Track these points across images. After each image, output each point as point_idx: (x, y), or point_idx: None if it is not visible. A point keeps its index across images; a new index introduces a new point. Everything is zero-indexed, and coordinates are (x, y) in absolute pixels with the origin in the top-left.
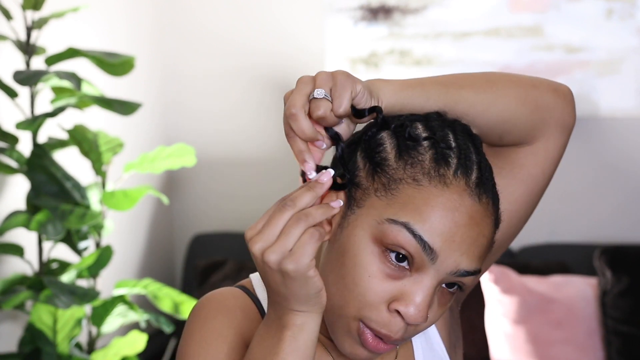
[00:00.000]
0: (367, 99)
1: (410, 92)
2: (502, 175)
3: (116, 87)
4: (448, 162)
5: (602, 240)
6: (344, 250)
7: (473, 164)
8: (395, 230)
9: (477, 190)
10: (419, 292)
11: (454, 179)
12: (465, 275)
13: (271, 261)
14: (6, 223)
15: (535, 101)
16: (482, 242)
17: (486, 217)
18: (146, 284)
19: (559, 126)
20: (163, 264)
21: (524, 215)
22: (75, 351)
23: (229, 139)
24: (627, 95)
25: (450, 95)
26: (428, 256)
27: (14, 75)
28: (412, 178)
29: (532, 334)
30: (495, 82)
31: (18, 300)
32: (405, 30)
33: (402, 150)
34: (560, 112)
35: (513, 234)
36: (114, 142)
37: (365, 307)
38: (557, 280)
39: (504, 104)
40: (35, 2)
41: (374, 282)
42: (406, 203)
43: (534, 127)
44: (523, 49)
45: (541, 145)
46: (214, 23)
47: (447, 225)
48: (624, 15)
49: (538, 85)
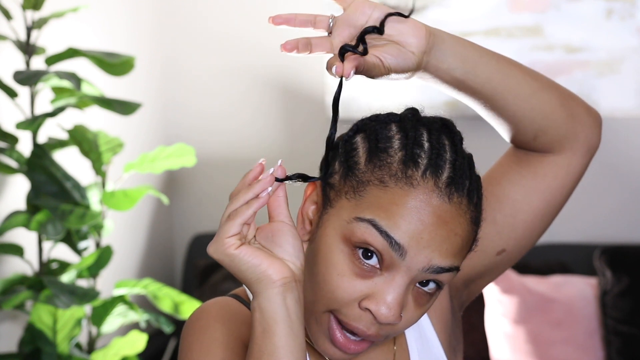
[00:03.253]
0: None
1: (464, 42)
2: (522, 185)
3: (116, 87)
4: (417, 163)
5: (602, 240)
6: (317, 249)
7: (445, 163)
8: (362, 227)
9: (447, 190)
10: (389, 291)
11: (421, 180)
12: (440, 271)
13: (211, 253)
14: (6, 223)
15: (571, 109)
16: (455, 240)
17: (458, 216)
18: (146, 284)
19: (586, 144)
20: (163, 264)
21: (538, 228)
22: (75, 351)
23: (229, 138)
24: (627, 95)
25: (502, 64)
26: (396, 252)
27: (14, 75)
28: (379, 180)
29: (532, 334)
30: (540, 76)
31: (18, 300)
32: None
33: (373, 154)
34: (590, 130)
35: (526, 246)
36: (114, 142)
37: (335, 303)
38: (557, 280)
39: (547, 98)
40: (35, 2)
41: (344, 280)
42: (372, 203)
43: (566, 135)
44: (523, 49)
45: (566, 159)
46: (214, 23)
47: (414, 223)
48: (624, 15)
49: (575, 98)
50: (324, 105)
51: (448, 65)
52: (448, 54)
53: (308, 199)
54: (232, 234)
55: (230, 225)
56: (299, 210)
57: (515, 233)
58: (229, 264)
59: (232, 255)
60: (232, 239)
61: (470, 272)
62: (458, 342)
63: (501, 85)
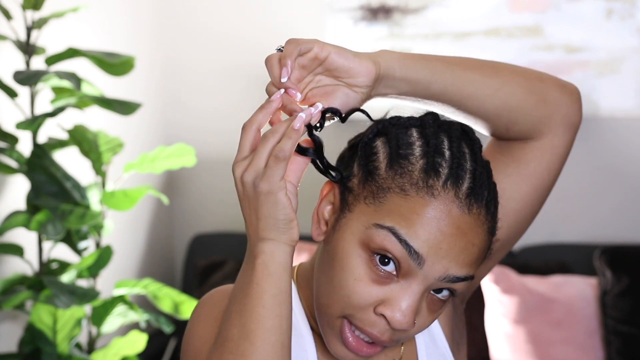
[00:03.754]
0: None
1: (414, 62)
2: (508, 173)
3: (116, 87)
4: (438, 173)
5: (602, 240)
6: (334, 252)
7: (466, 173)
8: (382, 234)
9: (467, 201)
10: (405, 298)
11: (442, 190)
12: (456, 281)
13: (248, 181)
14: (6, 223)
15: (541, 93)
16: (472, 250)
17: (476, 227)
18: (146, 284)
19: (565, 123)
20: (163, 264)
21: (529, 213)
22: (75, 351)
23: (229, 138)
24: (627, 95)
25: (456, 74)
26: (415, 261)
27: (14, 75)
28: (400, 188)
29: (532, 334)
30: (502, 69)
31: (18, 300)
32: (405, 30)
33: (394, 160)
34: (566, 108)
35: (518, 232)
36: (114, 142)
37: (350, 308)
38: (557, 280)
39: (510, 91)
40: (35, 2)
41: (360, 285)
42: (392, 210)
43: (540, 120)
44: (523, 49)
45: (547, 141)
46: (214, 23)
47: (433, 233)
48: (624, 15)
49: (545, 79)
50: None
51: (398, 90)
52: (397, 82)
53: (324, 199)
54: (282, 175)
55: (282, 167)
56: (314, 210)
57: (506, 222)
58: (268, 201)
59: (279, 199)
60: (283, 182)
61: None
62: (461, 336)
63: (457, 95)
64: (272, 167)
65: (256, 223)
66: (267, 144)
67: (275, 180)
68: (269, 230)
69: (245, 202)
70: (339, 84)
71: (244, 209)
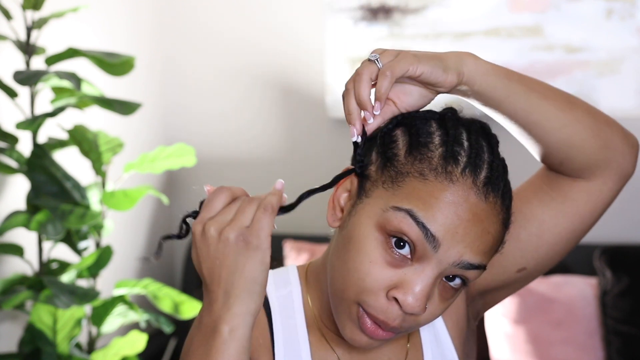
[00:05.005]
0: (437, 76)
1: (495, 81)
2: (552, 207)
3: (116, 87)
4: (457, 160)
5: (602, 240)
6: (350, 236)
7: (483, 163)
8: (399, 217)
9: (484, 189)
10: (418, 282)
11: (461, 177)
12: (469, 267)
13: (231, 238)
14: (6, 223)
15: (605, 139)
16: (487, 238)
17: (492, 216)
18: (146, 284)
19: (620, 172)
20: (163, 264)
21: (561, 250)
22: (75, 351)
23: (229, 139)
24: (627, 95)
25: (531, 101)
26: (430, 244)
27: (14, 75)
28: (419, 172)
29: (532, 334)
30: (577, 106)
31: (18, 300)
32: (405, 30)
33: (413, 147)
34: (623, 158)
35: (545, 266)
36: (114, 142)
37: (363, 292)
38: (557, 280)
39: (578, 130)
40: (35, 2)
41: (375, 268)
42: (411, 193)
43: (597, 164)
44: (523, 49)
45: (597, 186)
46: (214, 23)
47: (450, 217)
48: (624, 15)
49: (612, 125)
50: (324, 105)
51: (468, 96)
52: (473, 93)
53: (341, 186)
54: (270, 231)
55: (271, 219)
56: (330, 197)
57: (537, 253)
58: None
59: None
60: (269, 238)
61: (488, 284)
62: (471, 350)
63: (525, 119)
64: (261, 219)
65: (228, 284)
66: (252, 201)
67: (264, 234)
68: (241, 298)
69: (216, 264)
70: (417, 85)
71: (208, 272)
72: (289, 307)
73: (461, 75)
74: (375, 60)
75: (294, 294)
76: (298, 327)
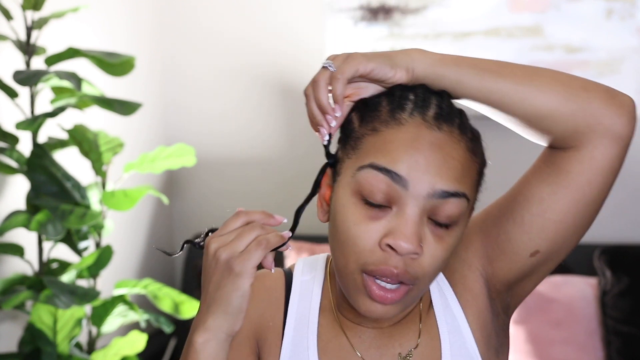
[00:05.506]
0: (386, 72)
1: (443, 69)
2: (549, 182)
3: (116, 87)
4: (403, 107)
5: (602, 240)
6: (335, 215)
7: (430, 104)
8: (365, 174)
9: (435, 122)
10: (403, 223)
11: (409, 118)
12: (446, 196)
13: (221, 258)
14: (6, 223)
15: (580, 104)
16: (453, 164)
17: (451, 142)
18: (146, 284)
19: (609, 135)
20: (163, 264)
21: (571, 227)
22: (75, 351)
23: (229, 139)
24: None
25: (485, 82)
26: (399, 184)
27: (14, 75)
28: (372, 129)
29: (532, 334)
30: (539, 76)
31: (18, 300)
32: (405, 30)
33: (364, 115)
34: (609, 119)
35: (564, 247)
36: (114, 142)
37: (361, 255)
38: (557, 280)
39: (543, 100)
40: (35, 2)
41: (361, 228)
42: (369, 150)
43: (577, 129)
44: (523, 49)
45: (587, 152)
46: (214, 23)
47: (409, 153)
48: (624, 15)
49: (590, 89)
50: None
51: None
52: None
53: (323, 184)
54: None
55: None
56: (317, 197)
57: (545, 233)
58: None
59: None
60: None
61: (508, 275)
62: (501, 344)
63: (485, 101)
64: (251, 251)
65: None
66: (253, 231)
67: (249, 264)
68: (216, 315)
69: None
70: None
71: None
72: (309, 291)
73: (410, 70)
74: (328, 66)
75: (316, 280)
76: (312, 310)
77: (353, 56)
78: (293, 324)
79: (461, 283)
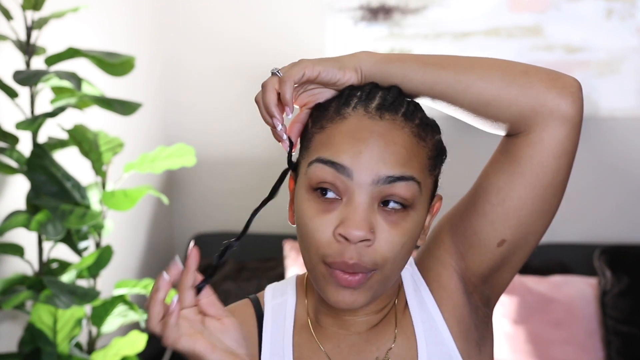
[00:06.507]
0: (334, 73)
1: (388, 66)
2: (503, 171)
3: (116, 87)
4: (349, 103)
5: (602, 240)
6: (296, 213)
7: (375, 96)
8: (313, 169)
9: (377, 112)
10: (352, 211)
11: (352, 112)
12: (392, 180)
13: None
14: (6, 223)
15: (522, 87)
16: (396, 149)
17: (393, 129)
18: (146, 284)
19: (554, 117)
20: (163, 264)
21: (532, 213)
22: (75, 351)
23: (229, 138)
24: (627, 95)
25: (427, 75)
26: (344, 174)
27: (14, 75)
28: (319, 127)
29: (532, 334)
30: (480, 65)
31: (18, 300)
32: (405, 30)
33: (315, 117)
34: (552, 101)
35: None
36: (114, 142)
37: (319, 247)
38: (557, 280)
39: (484, 87)
40: (35, 2)
41: (315, 221)
42: (316, 146)
43: (522, 113)
44: (523, 49)
45: (535, 136)
46: (214, 23)
47: (350, 143)
48: (624, 15)
49: (532, 74)
50: None
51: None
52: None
53: (291, 192)
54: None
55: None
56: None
57: (508, 222)
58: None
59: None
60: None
61: (480, 268)
62: (482, 337)
63: (431, 93)
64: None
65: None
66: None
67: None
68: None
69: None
70: (325, 87)
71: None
72: (281, 313)
73: (358, 71)
74: (276, 72)
75: (288, 302)
76: (286, 331)
77: (300, 61)
78: (269, 349)
79: (436, 281)
